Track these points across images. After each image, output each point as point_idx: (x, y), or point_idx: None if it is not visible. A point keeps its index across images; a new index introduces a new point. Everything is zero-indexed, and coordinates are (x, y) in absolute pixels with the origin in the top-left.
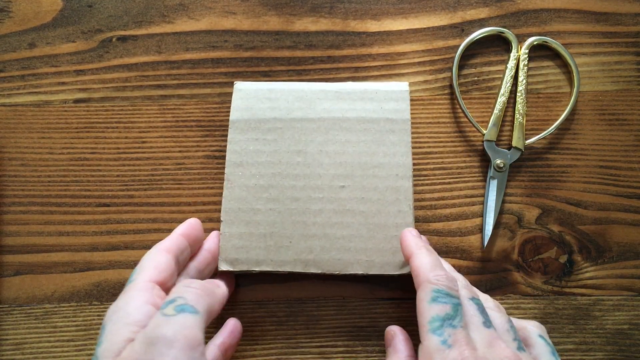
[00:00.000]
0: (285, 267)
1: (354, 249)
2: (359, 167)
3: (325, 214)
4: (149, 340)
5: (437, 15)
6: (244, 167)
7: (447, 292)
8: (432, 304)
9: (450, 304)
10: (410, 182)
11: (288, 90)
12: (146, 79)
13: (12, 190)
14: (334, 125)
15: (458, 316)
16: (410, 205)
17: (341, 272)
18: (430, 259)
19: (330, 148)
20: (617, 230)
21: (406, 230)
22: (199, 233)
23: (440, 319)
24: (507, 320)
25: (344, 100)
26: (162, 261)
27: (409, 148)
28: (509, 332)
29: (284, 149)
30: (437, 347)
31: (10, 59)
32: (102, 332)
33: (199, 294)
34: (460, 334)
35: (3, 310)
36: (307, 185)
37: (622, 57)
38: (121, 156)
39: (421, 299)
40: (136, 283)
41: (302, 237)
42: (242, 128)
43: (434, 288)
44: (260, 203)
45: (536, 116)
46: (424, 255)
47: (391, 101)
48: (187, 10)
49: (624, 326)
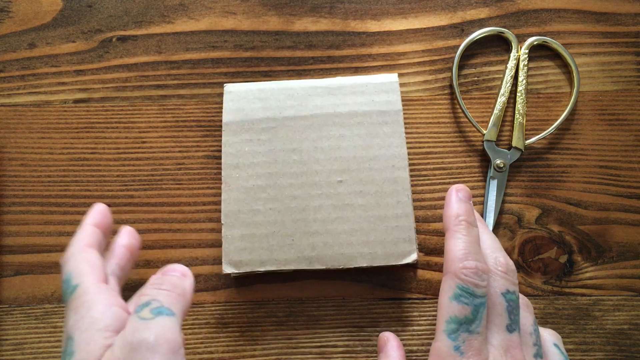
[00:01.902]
0: (290, 265)
1: (356, 242)
2: (355, 161)
3: (325, 209)
4: (131, 345)
5: (437, 15)
6: (240, 168)
7: (472, 290)
8: (452, 302)
9: (471, 305)
10: (407, 172)
11: (278, 89)
12: (146, 79)
13: (12, 190)
14: (327, 121)
15: (477, 320)
16: (408, 195)
17: (345, 266)
18: (465, 244)
19: (324, 144)
20: (617, 230)
21: (452, 190)
22: (110, 220)
23: (458, 322)
24: (533, 322)
25: (334, 95)
26: (93, 258)
27: (403, 139)
28: (531, 336)
29: (279, 148)
30: (449, 352)
31: (10, 59)
32: (70, 342)
33: (173, 296)
34: (475, 341)
35: (3, 310)
36: (304, 183)
37: (622, 57)
38: (121, 156)
39: (443, 292)
40: (86, 287)
41: (304, 235)
42: (236, 130)
43: (459, 284)
44: (259, 203)
45: (536, 116)
46: (459, 237)
47: (382, 93)
48: (187, 10)
49: (624, 326)
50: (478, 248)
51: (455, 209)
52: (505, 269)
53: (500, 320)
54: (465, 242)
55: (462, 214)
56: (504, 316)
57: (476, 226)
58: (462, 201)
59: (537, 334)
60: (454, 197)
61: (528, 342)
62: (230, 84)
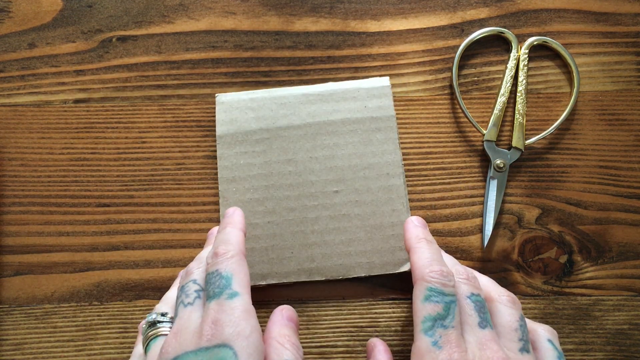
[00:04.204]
0: (290, 277)
1: (354, 252)
2: (350, 170)
3: (322, 221)
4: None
5: (437, 15)
6: (237, 182)
7: (441, 290)
8: (425, 303)
9: (442, 303)
10: (402, 179)
11: (270, 97)
12: (146, 79)
13: (12, 190)
14: (321, 130)
15: (450, 315)
16: (403, 203)
17: (344, 276)
18: (428, 254)
19: (319, 153)
20: (617, 230)
21: (408, 220)
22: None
23: (432, 319)
24: (519, 318)
25: (327, 102)
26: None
27: (396, 145)
28: (516, 331)
29: (274, 160)
30: (428, 348)
31: (10, 59)
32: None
33: None
34: (451, 335)
35: (3, 311)
36: (301, 194)
37: (622, 57)
38: (121, 156)
39: (416, 297)
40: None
41: (303, 247)
42: (230, 142)
43: (428, 286)
44: (257, 217)
45: (536, 116)
46: (422, 250)
47: (374, 98)
48: (187, 10)
49: (624, 326)
50: (441, 257)
51: (414, 232)
52: (467, 277)
53: (472, 319)
54: (429, 252)
55: (420, 234)
56: (474, 315)
57: (435, 243)
58: (418, 227)
59: (523, 329)
60: (410, 225)
61: (513, 337)
62: (222, 94)
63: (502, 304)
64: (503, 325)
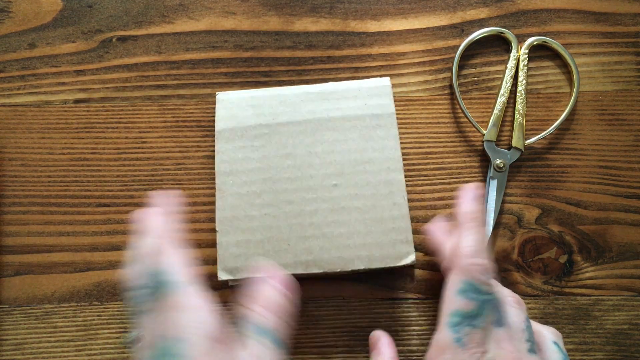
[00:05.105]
0: (286, 270)
1: (353, 245)
2: (349, 164)
3: (321, 213)
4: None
5: (437, 15)
6: (234, 175)
7: (479, 287)
8: (458, 296)
9: (477, 301)
10: (402, 174)
11: (270, 96)
12: (146, 79)
13: (12, 190)
14: (320, 126)
15: (482, 316)
16: (404, 197)
17: (343, 269)
18: (475, 242)
19: (318, 148)
20: (617, 230)
21: (467, 187)
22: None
23: (462, 315)
24: (525, 319)
25: (327, 100)
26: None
27: (397, 141)
28: (523, 332)
29: (272, 154)
30: (450, 343)
31: (10, 59)
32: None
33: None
34: (477, 335)
35: (3, 311)
36: (299, 187)
37: (622, 57)
38: (121, 156)
39: (450, 286)
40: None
41: (300, 239)
42: (229, 137)
43: (467, 279)
44: (254, 209)
45: (536, 116)
46: (471, 233)
47: (374, 97)
48: (187, 10)
49: (624, 326)
50: (485, 247)
51: (470, 207)
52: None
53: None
54: (476, 240)
55: (475, 212)
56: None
57: (484, 227)
58: (476, 200)
59: (529, 330)
60: (468, 195)
61: (521, 338)
62: (222, 92)
63: (508, 305)
64: (510, 326)
